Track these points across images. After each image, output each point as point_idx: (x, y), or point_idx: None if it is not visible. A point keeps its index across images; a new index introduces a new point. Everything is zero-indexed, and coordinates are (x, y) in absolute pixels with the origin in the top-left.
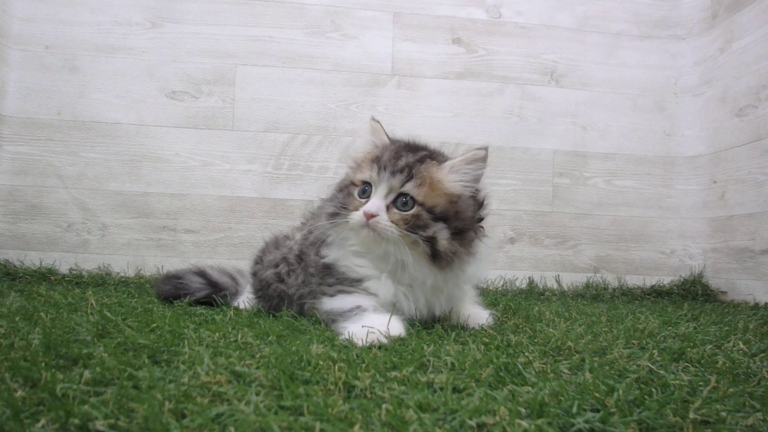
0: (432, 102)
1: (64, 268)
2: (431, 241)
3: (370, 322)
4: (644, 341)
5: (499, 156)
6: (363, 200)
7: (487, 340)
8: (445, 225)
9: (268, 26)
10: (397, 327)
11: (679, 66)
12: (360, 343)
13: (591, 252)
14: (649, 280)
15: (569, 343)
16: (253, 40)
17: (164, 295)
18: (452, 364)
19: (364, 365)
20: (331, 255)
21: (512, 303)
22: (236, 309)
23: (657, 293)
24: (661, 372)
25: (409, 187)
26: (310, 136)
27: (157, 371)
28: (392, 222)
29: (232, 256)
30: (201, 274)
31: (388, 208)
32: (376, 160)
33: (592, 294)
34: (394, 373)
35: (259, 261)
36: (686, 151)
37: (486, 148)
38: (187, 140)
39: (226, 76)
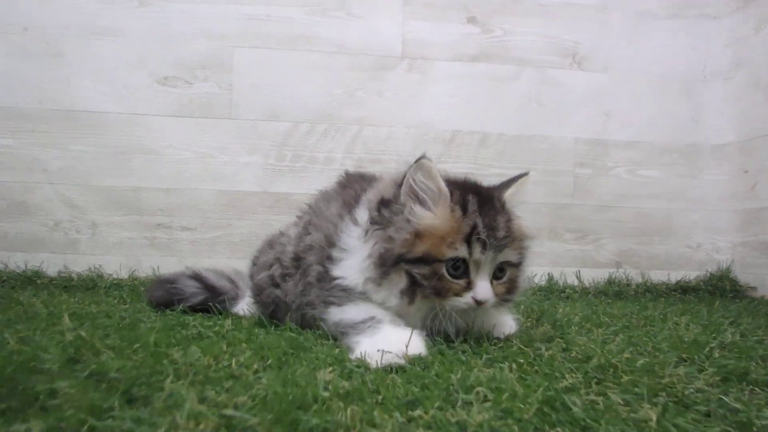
0: (444, 87)
1: (52, 271)
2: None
3: (386, 337)
4: (693, 355)
5: (516, 145)
6: (460, 282)
7: (521, 360)
8: (519, 268)
9: (263, 3)
10: (416, 344)
11: (708, 48)
12: (374, 365)
13: (613, 246)
14: (674, 276)
15: (613, 360)
16: (248, 19)
17: (156, 301)
18: (484, 395)
19: (380, 398)
20: (348, 277)
21: (534, 303)
22: (236, 316)
23: (683, 289)
24: (737, 405)
25: (509, 255)
26: (314, 124)
27: (129, 417)
28: (496, 296)
29: (232, 255)
30: (196, 277)
31: (491, 283)
32: (474, 235)
33: (615, 291)
34: (417, 412)
35: (255, 262)
36: (714, 139)
37: (528, 174)
38: (182, 130)
39: (221, 60)
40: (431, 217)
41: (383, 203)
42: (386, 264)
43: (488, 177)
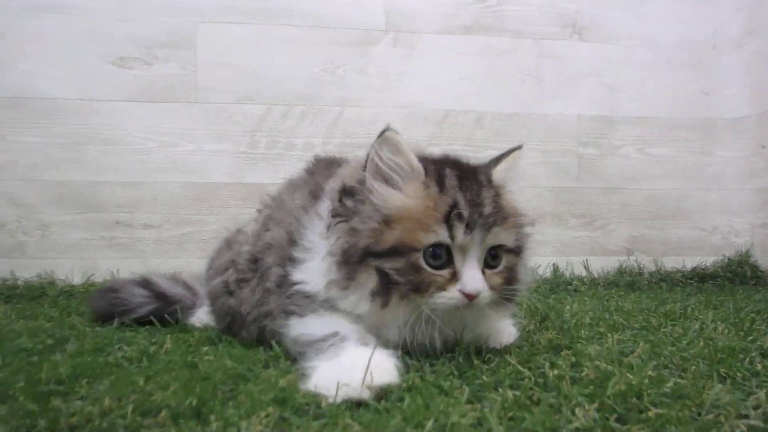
0: (435, 63)
1: None
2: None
3: (348, 361)
4: (731, 368)
5: (514, 125)
6: (443, 272)
7: (518, 388)
8: (519, 256)
9: None
10: (385, 370)
11: (718, 13)
12: (330, 400)
13: (623, 232)
14: (690, 262)
15: (635, 382)
16: None
17: (98, 313)
18: None
19: None
20: (310, 281)
21: (538, 300)
22: (185, 331)
23: (700, 277)
24: None
25: (502, 237)
26: (291, 106)
27: None
28: (492, 289)
29: (203, 255)
30: (145, 284)
31: (483, 272)
32: (455, 214)
33: (627, 281)
34: None
35: (211, 264)
36: (728, 113)
37: (521, 147)
38: (142, 117)
39: (185, 37)
40: (400, 197)
41: (345, 191)
42: (351, 261)
43: (484, 159)
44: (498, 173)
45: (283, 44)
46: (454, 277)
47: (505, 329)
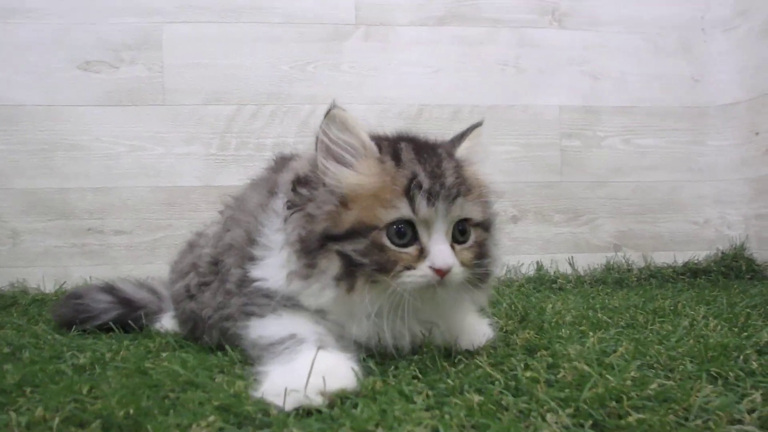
0: (409, 55)
1: None
2: (486, 262)
3: (301, 365)
4: (724, 367)
5: (494, 117)
6: (409, 249)
7: (484, 393)
8: (488, 233)
9: None
10: (341, 374)
11: None
12: (278, 407)
13: (610, 227)
14: (681, 257)
15: (615, 385)
16: None
17: (61, 321)
18: None
19: None
20: (269, 277)
21: (519, 299)
22: (148, 336)
23: (692, 272)
24: None
25: (468, 210)
26: (261, 106)
27: None
28: (463, 265)
29: None
30: (109, 290)
31: (452, 248)
32: (415, 186)
33: (615, 278)
34: None
35: (174, 268)
36: (719, 99)
37: (482, 123)
38: (109, 121)
39: (150, 39)
40: (354, 175)
41: (299, 181)
42: (310, 248)
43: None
44: (461, 150)
45: (251, 42)
46: (422, 254)
47: (479, 329)
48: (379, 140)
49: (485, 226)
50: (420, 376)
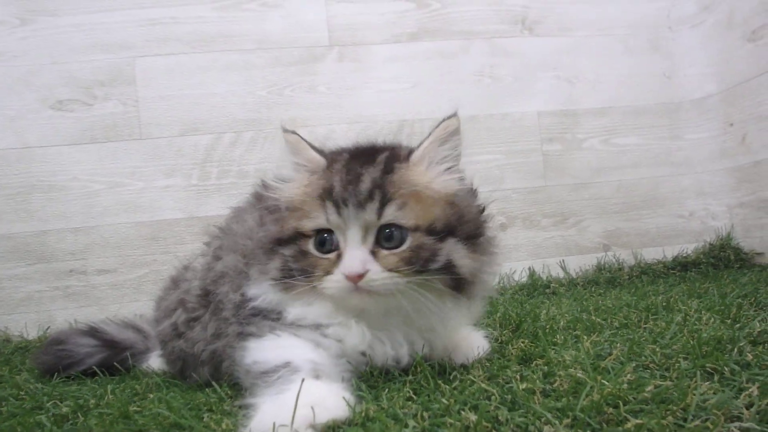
0: (384, 73)
1: None
2: (449, 268)
3: (290, 400)
4: (719, 362)
5: (474, 127)
6: (329, 256)
7: (479, 409)
8: (455, 238)
9: (168, 5)
10: (332, 405)
11: None
12: None
13: (597, 227)
14: (670, 251)
15: (611, 390)
16: (152, 24)
17: (44, 369)
18: None
19: None
20: (264, 293)
21: (513, 307)
22: (134, 378)
23: (682, 266)
24: None
25: (390, 215)
26: (239, 133)
27: None
28: (390, 270)
29: None
30: (92, 333)
31: (374, 254)
32: (326, 194)
33: (606, 278)
34: None
35: (159, 305)
36: (693, 93)
37: (455, 115)
38: (85, 159)
39: (123, 73)
40: (292, 188)
41: (276, 245)
42: (264, 249)
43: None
44: (419, 151)
45: (225, 70)
46: (339, 260)
47: (474, 341)
48: (331, 154)
49: (436, 230)
50: (414, 396)
